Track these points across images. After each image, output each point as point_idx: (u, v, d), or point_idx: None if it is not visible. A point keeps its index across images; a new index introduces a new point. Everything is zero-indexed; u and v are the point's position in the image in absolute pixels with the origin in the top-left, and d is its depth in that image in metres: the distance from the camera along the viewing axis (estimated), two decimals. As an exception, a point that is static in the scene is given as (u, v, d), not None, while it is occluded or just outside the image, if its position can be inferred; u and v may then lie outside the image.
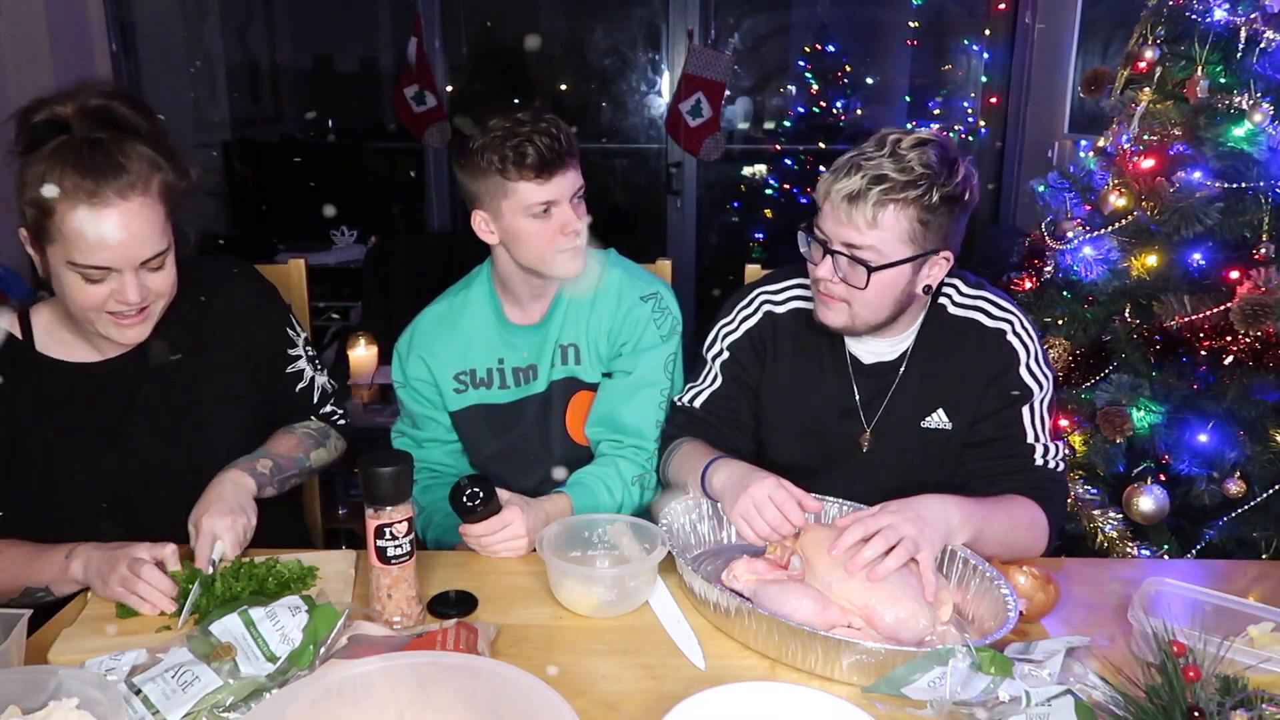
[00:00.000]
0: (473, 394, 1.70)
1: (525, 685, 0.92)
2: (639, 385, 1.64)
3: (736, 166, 5.24)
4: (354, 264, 4.54)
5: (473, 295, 1.72)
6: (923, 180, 1.33)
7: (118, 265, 1.28)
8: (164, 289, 1.36)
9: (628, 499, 1.59)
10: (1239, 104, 1.97)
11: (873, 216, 1.34)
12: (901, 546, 1.20)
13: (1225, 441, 1.99)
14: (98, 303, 1.31)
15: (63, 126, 1.29)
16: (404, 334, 1.76)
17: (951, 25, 4.95)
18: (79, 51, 4.19)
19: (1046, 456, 1.47)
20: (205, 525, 1.32)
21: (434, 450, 1.75)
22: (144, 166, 1.29)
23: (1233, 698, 0.93)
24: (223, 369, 1.51)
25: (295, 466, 1.52)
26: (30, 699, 0.97)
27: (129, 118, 1.32)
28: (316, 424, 1.64)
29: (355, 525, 2.99)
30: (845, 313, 1.44)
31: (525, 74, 5.30)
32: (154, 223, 1.30)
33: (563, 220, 1.54)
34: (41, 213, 1.26)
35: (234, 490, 1.38)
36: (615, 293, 1.66)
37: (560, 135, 1.50)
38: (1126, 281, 2.15)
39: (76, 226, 1.25)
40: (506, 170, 1.50)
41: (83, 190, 1.24)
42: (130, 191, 1.26)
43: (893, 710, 1.07)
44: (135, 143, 1.30)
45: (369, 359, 3.14)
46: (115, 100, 1.32)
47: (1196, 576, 1.33)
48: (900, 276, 1.39)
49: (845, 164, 1.37)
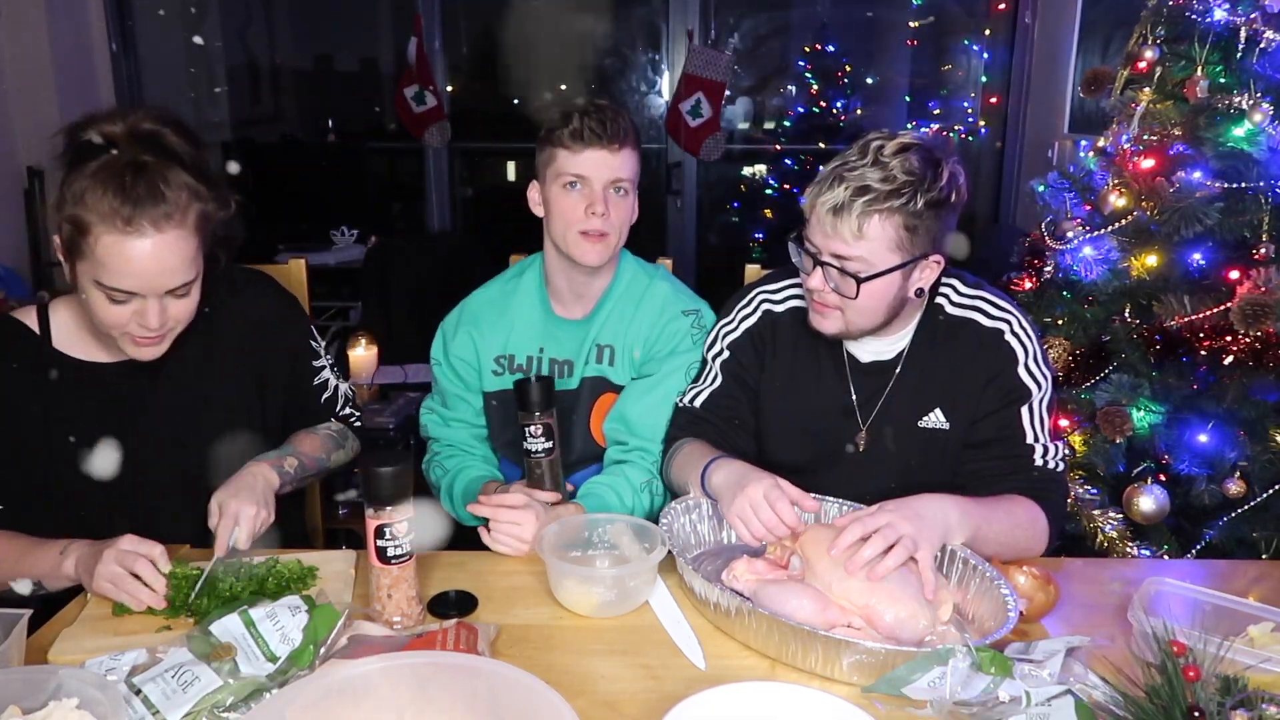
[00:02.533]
0: (509, 379, 1.72)
1: (525, 685, 0.92)
2: (656, 385, 1.65)
3: (736, 166, 5.24)
4: (354, 264, 4.54)
5: (524, 283, 1.75)
6: (906, 188, 1.32)
7: (143, 291, 1.29)
8: (185, 315, 1.37)
9: (638, 505, 1.59)
10: (1239, 104, 1.98)
11: (858, 228, 1.34)
12: (900, 545, 1.20)
13: (1225, 441, 1.99)
14: (120, 322, 1.32)
15: (110, 145, 1.29)
16: (452, 312, 1.79)
17: (951, 25, 4.95)
18: (79, 52, 4.20)
19: (1046, 457, 1.47)
20: (232, 508, 1.33)
21: (460, 431, 1.77)
22: (184, 196, 1.29)
23: (1233, 698, 0.93)
24: (235, 376, 1.52)
25: (316, 467, 1.55)
26: (30, 699, 0.97)
27: (176, 145, 1.32)
28: (337, 426, 1.66)
29: (355, 525, 2.99)
30: (839, 320, 1.44)
31: (525, 74, 5.30)
32: (185, 254, 1.31)
33: (590, 199, 1.58)
34: (77, 230, 1.26)
35: (264, 484, 1.40)
36: (660, 304, 1.69)
37: (609, 120, 1.56)
38: (1126, 281, 2.15)
39: (109, 250, 1.25)
40: (552, 136, 1.58)
41: (119, 216, 1.24)
42: (166, 222, 1.27)
43: (893, 710, 1.07)
44: (179, 170, 1.30)
45: (369, 359, 3.14)
46: (166, 126, 1.32)
47: (1196, 576, 1.33)
48: (890, 284, 1.39)
49: (829, 175, 1.36)
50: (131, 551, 1.27)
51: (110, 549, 1.27)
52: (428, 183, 4.98)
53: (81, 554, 1.30)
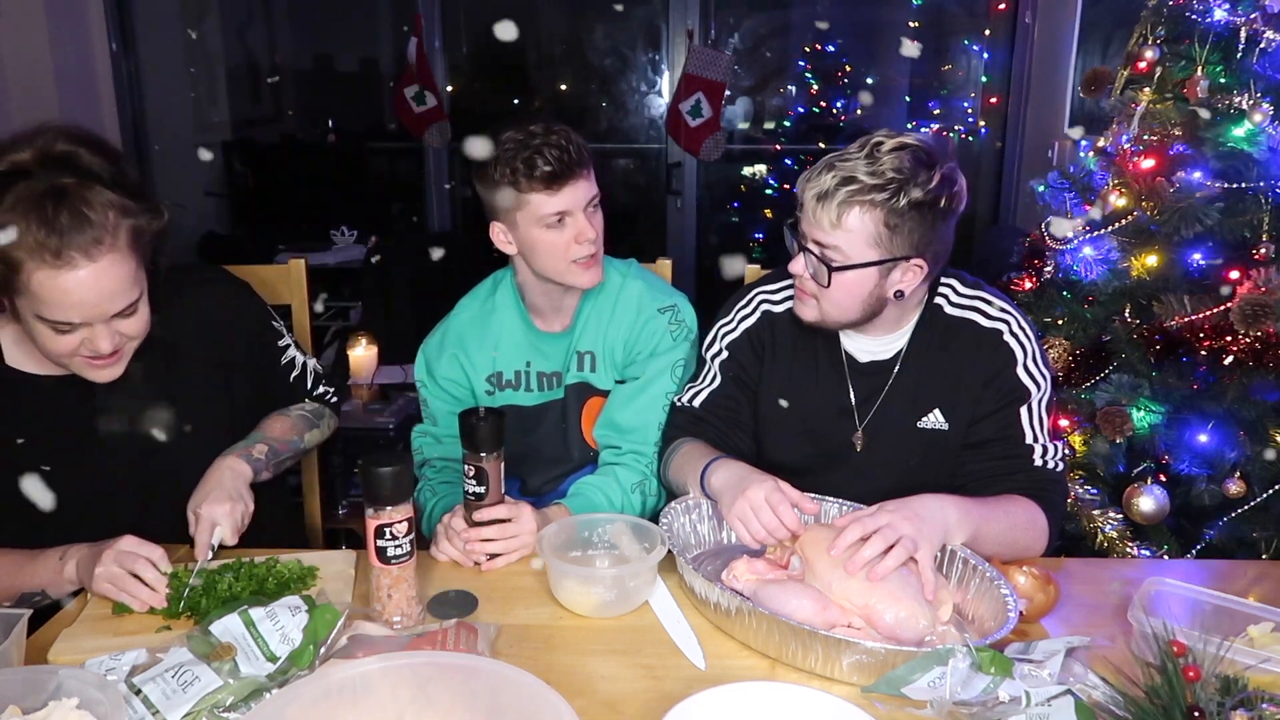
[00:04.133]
0: (500, 396, 1.73)
1: (525, 685, 0.92)
2: (643, 388, 1.65)
3: (736, 166, 5.24)
4: (354, 264, 4.54)
5: (500, 301, 1.73)
6: (891, 184, 1.33)
7: (89, 320, 1.25)
8: (138, 331, 1.34)
9: (628, 505, 1.59)
10: (1239, 104, 1.98)
11: (837, 217, 1.35)
12: (900, 545, 1.20)
13: (1225, 441, 2.00)
14: (69, 350, 1.29)
15: (23, 174, 1.21)
16: (432, 335, 1.76)
17: (951, 25, 4.95)
18: (79, 52, 4.19)
19: (1045, 457, 1.47)
20: (205, 513, 1.33)
21: (454, 447, 1.74)
22: (111, 216, 1.22)
23: (1233, 698, 0.93)
24: (196, 373, 1.49)
25: (290, 449, 1.53)
26: (30, 699, 0.97)
27: (94, 165, 1.25)
28: (311, 405, 1.65)
29: (355, 525, 2.99)
30: (815, 309, 1.46)
31: (525, 74, 5.30)
32: (124, 276, 1.25)
33: (577, 229, 1.56)
34: (7, 266, 1.19)
35: (231, 477, 1.39)
36: (635, 304, 1.68)
37: (570, 146, 1.51)
38: (1126, 281, 2.15)
39: (43, 286, 1.20)
40: (519, 183, 1.52)
41: (47, 250, 1.17)
42: (97, 249, 1.20)
43: (893, 710, 1.07)
44: (100, 189, 1.23)
45: (369, 359, 3.14)
46: (79, 147, 1.25)
47: (1196, 576, 1.32)
48: (865, 279, 1.39)
49: (823, 164, 1.38)
50: (131, 552, 1.26)
51: (110, 550, 1.26)
52: (428, 183, 4.98)
53: (81, 557, 1.30)
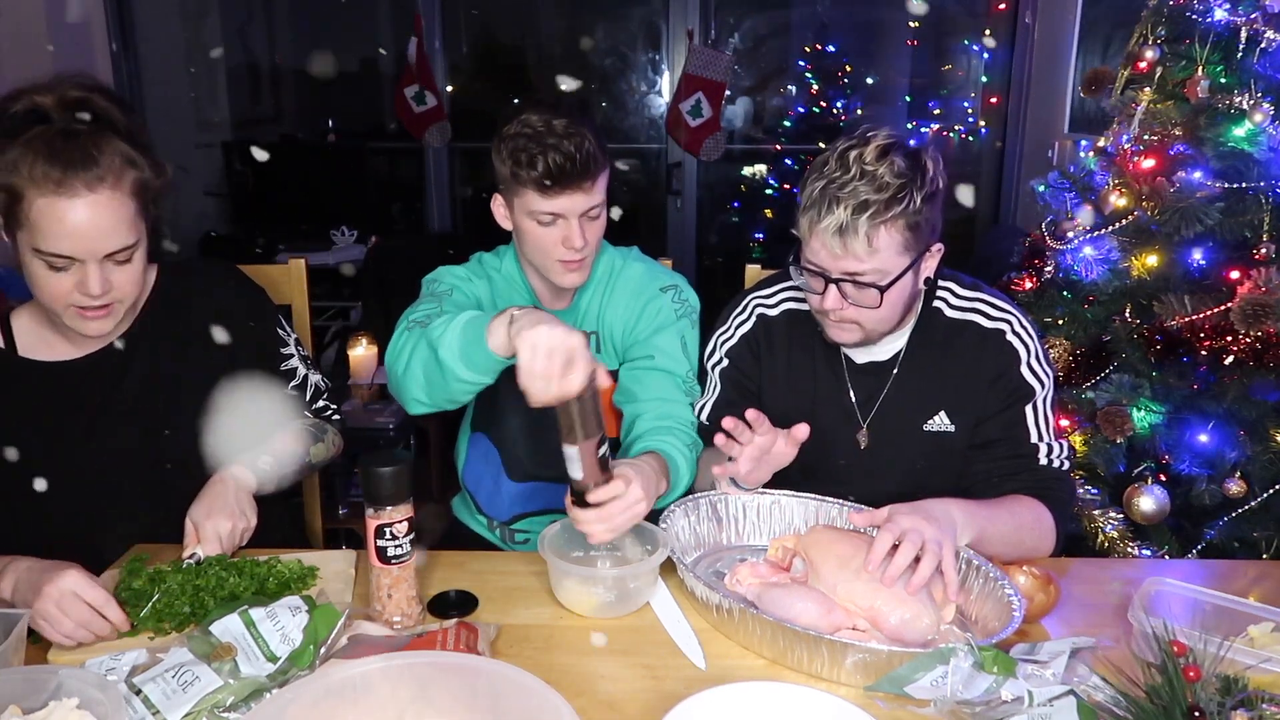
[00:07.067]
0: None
1: (525, 685, 0.92)
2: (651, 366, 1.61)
3: (736, 166, 5.24)
4: (354, 264, 4.54)
5: (505, 276, 1.68)
6: (900, 192, 1.32)
7: (81, 255, 1.29)
8: (128, 285, 1.36)
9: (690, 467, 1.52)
10: (1239, 104, 1.98)
11: (869, 243, 1.33)
12: (928, 551, 1.19)
13: (1225, 441, 1.99)
14: (63, 293, 1.32)
15: (42, 117, 1.30)
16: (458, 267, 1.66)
17: (951, 25, 4.95)
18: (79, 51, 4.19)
19: (1051, 456, 1.47)
20: (209, 529, 1.32)
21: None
22: (117, 161, 1.30)
23: (1233, 698, 0.93)
24: (204, 368, 1.50)
25: (296, 462, 1.53)
26: (30, 699, 0.97)
27: (107, 111, 1.33)
28: (312, 420, 1.64)
29: (355, 525, 2.99)
30: (858, 331, 1.44)
31: (525, 74, 5.30)
32: (122, 216, 1.30)
33: (565, 234, 1.52)
34: (11, 197, 1.27)
35: (235, 490, 1.39)
36: (636, 284, 1.67)
37: (579, 154, 1.45)
38: (1127, 281, 2.15)
39: (42, 213, 1.26)
40: (517, 174, 1.49)
41: (50, 179, 1.25)
42: (99, 184, 1.27)
43: (895, 709, 1.07)
44: (111, 137, 1.31)
45: (369, 359, 3.14)
46: (94, 94, 1.33)
47: (1197, 576, 1.32)
48: (905, 284, 1.40)
49: (821, 198, 1.34)
50: (73, 594, 1.15)
51: (52, 585, 1.15)
52: (428, 183, 4.98)
53: (20, 577, 1.20)
